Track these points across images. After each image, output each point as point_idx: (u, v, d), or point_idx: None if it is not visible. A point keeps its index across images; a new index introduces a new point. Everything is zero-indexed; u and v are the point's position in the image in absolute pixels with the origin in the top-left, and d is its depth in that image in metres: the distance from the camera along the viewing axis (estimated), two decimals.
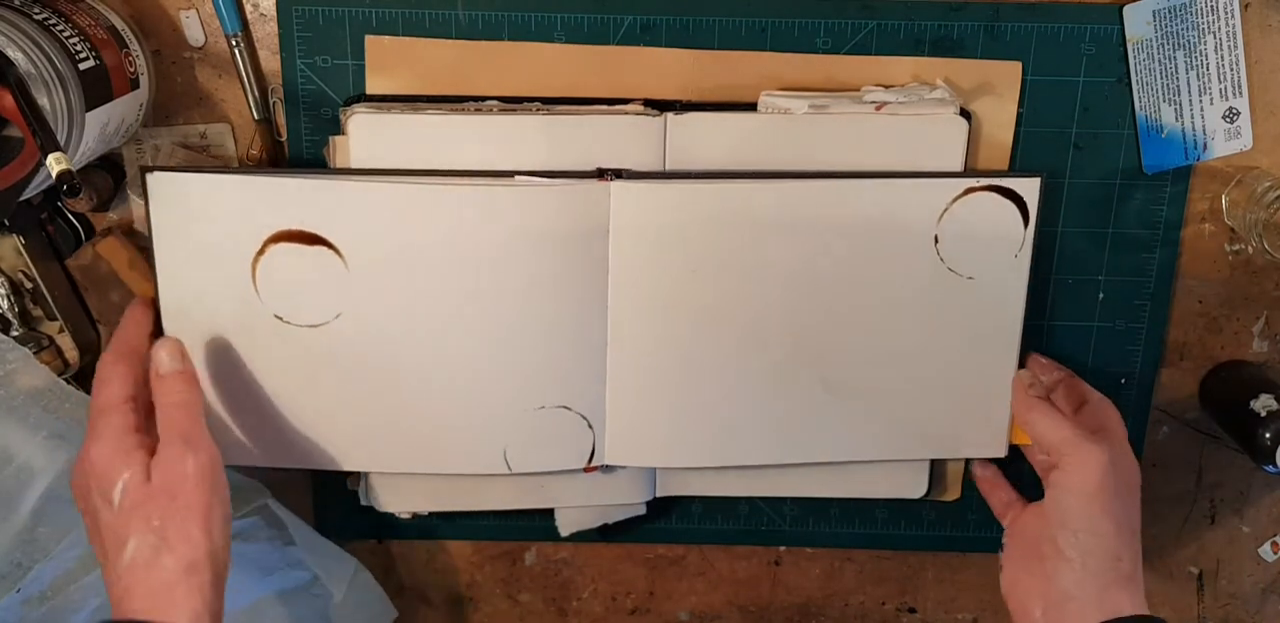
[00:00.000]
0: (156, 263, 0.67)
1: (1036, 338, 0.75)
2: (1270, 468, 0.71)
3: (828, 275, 0.69)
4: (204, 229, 0.66)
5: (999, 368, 0.71)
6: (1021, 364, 0.72)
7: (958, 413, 0.72)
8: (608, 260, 0.67)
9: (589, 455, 0.71)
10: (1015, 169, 0.71)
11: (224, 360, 0.68)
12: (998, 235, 0.69)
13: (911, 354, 0.71)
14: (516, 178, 0.66)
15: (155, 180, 0.65)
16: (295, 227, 0.66)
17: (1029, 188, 0.69)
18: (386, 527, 0.79)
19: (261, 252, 0.66)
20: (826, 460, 0.74)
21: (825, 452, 0.73)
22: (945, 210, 0.68)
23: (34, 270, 0.70)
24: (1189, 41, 0.69)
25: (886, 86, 0.69)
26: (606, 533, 0.78)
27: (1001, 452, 0.73)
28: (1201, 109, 0.71)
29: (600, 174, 0.66)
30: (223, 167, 0.71)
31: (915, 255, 0.69)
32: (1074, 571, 0.61)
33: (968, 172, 0.70)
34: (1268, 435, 0.70)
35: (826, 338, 0.70)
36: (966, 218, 0.68)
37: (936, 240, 0.69)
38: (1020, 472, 0.77)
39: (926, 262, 0.69)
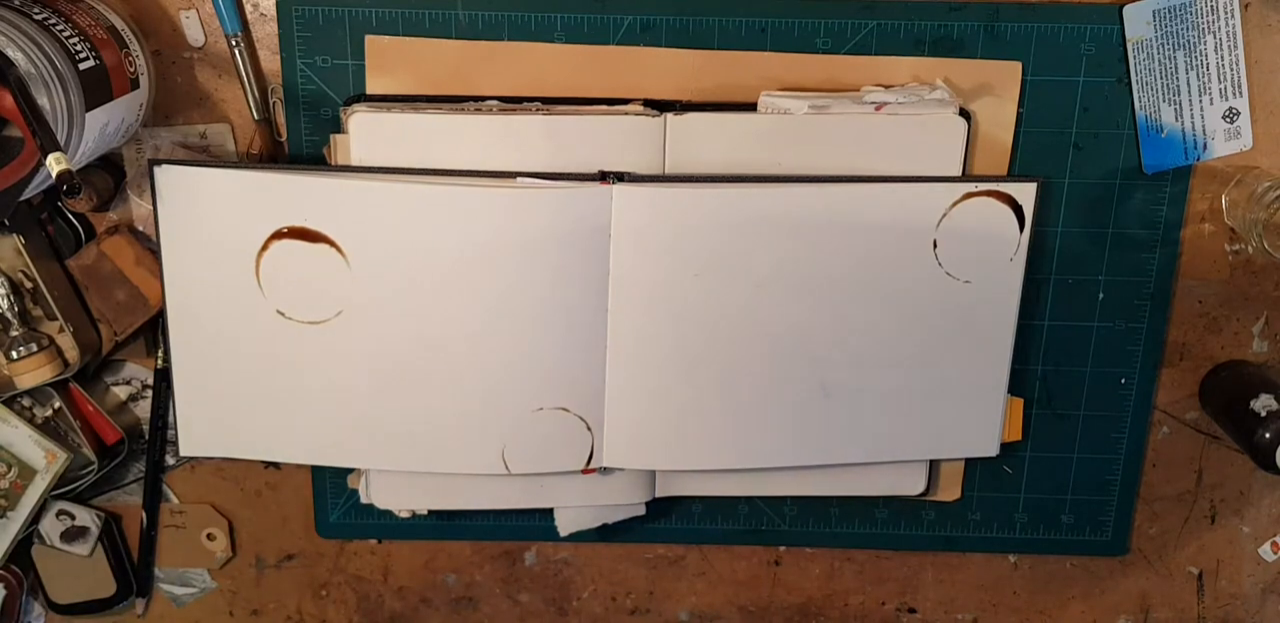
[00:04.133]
0: (162, 255, 0.67)
1: (1037, 338, 0.75)
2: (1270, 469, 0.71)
3: (827, 279, 0.69)
4: (209, 223, 0.67)
5: (992, 370, 0.72)
6: (1015, 369, 0.72)
7: (952, 414, 0.73)
8: (608, 263, 0.67)
9: (587, 457, 0.72)
10: (1015, 169, 0.71)
11: (227, 353, 0.69)
12: (994, 239, 0.69)
13: (908, 357, 0.71)
14: (519, 179, 0.66)
15: (163, 173, 0.66)
16: (299, 224, 0.66)
17: (1025, 193, 0.69)
18: (386, 527, 0.79)
19: (265, 247, 0.67)
20: (824, 463, 0.74)
21: (822, 455, 0.73)
22: (944, 215, 0.68)
23: (34, 270, 0.70)
24: (1189, 41, 0.69)
25: (886, 87, 0.69)
26: (606, 533, 0.78)
27: (993, 451, 0.74)
28: (1201, 109, 0.71)
29: (602, 177, 0.67)
30: (229, 161, 0.71)
31: (914, 259, 0.69)
32: None
33: (966, 177, 0.70)
34: (1268, 436, 0.70)
35: (825, 341, 0.70)
36: (964, 222, 0.68)
37: (935, 245, 0.69)
38: (1012, 467, 0.77)
39: (925, 266, 0.69)
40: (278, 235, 0.66)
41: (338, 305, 0.68)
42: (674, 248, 0.67)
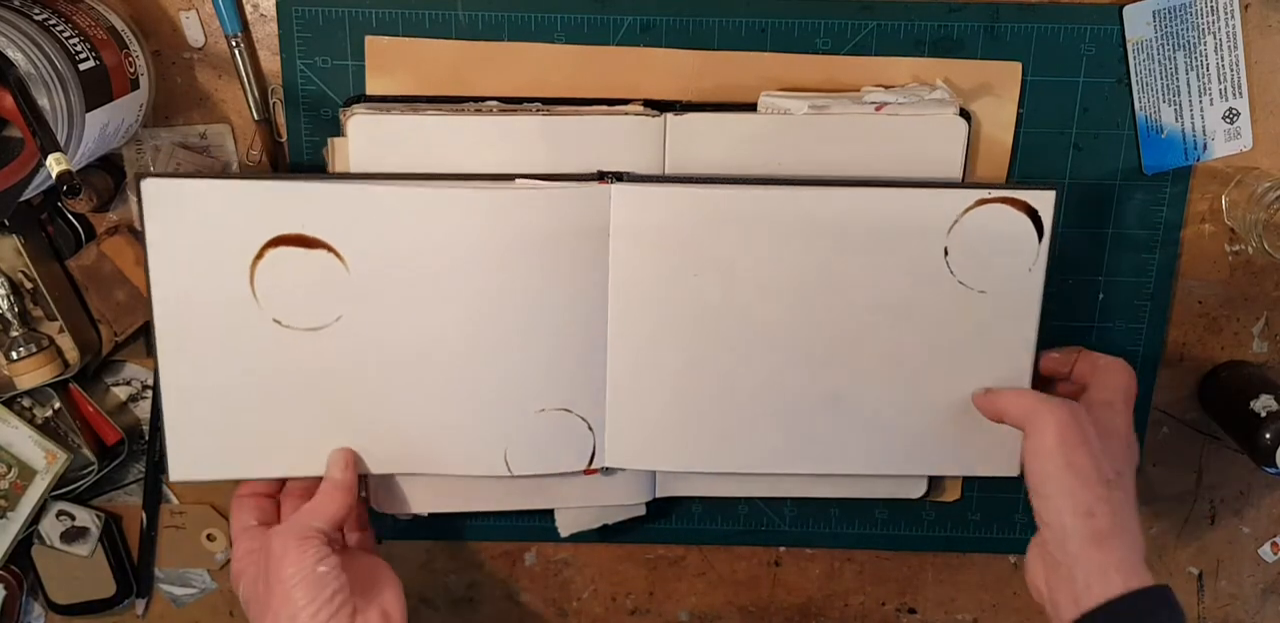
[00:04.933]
0: (150, 270, 0.66)
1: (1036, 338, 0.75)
2: (1270, 469, 0.71)
3: (832, 283, 0.68)
4: (201, 235, 0.65)
5: (1013, 385, 0.69)
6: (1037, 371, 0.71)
7: (968, 430, 0.70)
8: (608, 263, 0.67)
9: (589, 458, 0.72)
10: (1015, 169, 0.71)
11: (221, 370, 0.68)
12: (1010, 249, 0.67)
13: (921, 368, 0.69)
14: (517, 181, 0.66)
15: (150, 187, 0.65)
16: (295, 231, 0.66)
17: (1043, 201, 0.67)
18: (386, 527, 0.79)
19: (260, 256, 0.66)
20: (829, 472, 0.73)
21: (828, 463, 0.72)
22: (955, 222, 0.67)
23: (34, 270, 0.70)
24: (1189, 42, 0.69)
25: (886, 87, 0.69)
26: (606, 534, 0.78)
27: (1014, 471, 0.71)
28: (1201, 109, 0.71)
29: (601, 177, 0.66)
30: (219, 172, 0.71)
31: (923, 267, 0.67)
32: (1054, 535, 0.61)
33: (980, 182, 0.69)
34: (1268, 436, 0.70)
35: (831, 347, 0.69)
36: (977, 230, 0.67)
37: (946, 252, 0.67)
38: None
39: (936, 273, 0.68)
40: (273, 243, 0.66)
41: (337, 311, 0.67)
42: (673, 248, 0.67)
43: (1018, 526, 0.79)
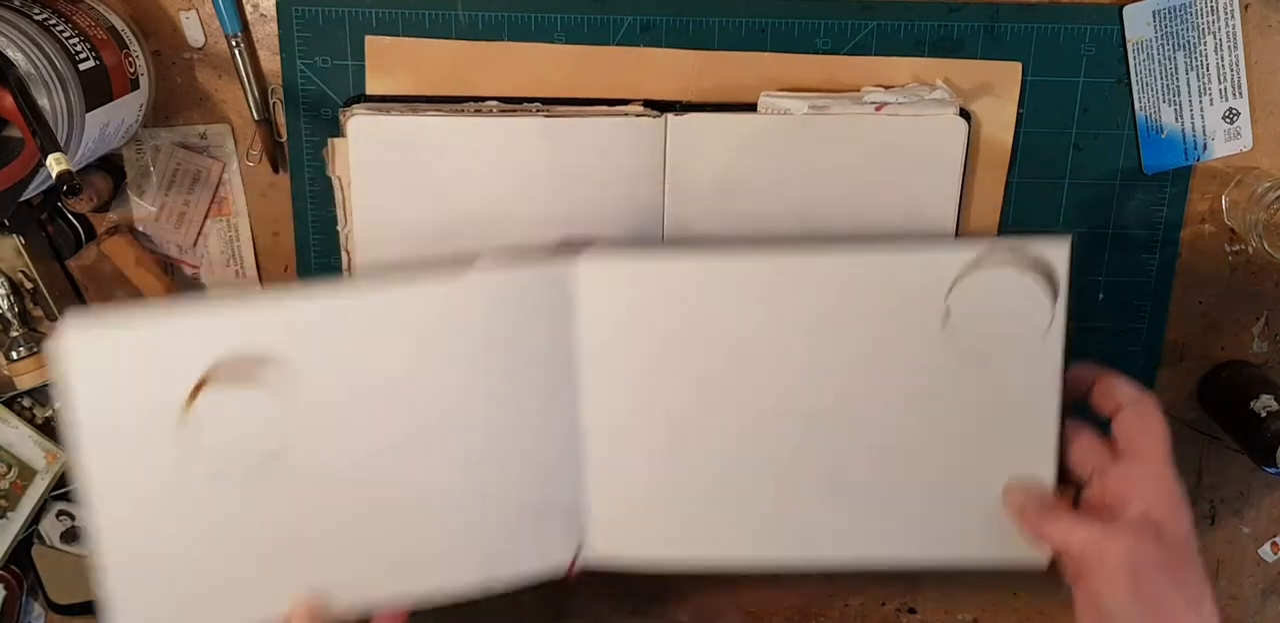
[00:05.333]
0: (80, 448, 0.57)
1: None
2: (1270, 469, 0.71)
3: (821, 354, 0.62)
4: (123, 391, 0.57)
5: (1033, 464, 0.62)
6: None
7: (987, 515, 0.63)
8: (578, 343, 0.62)
9: (574, 554, 0.65)
10: (1015, 169, 0.71)
11: (165, 535, 0.59)
12: (1019, 312, 0.60)
13: (924, 447, 0.62)
14: (476, 263, 0.60)
15: (71, 338, 0.56)
16: (226, 366, 0.58)
17: (1057, 253, 0.59)
18: None
19: (189, 403, 0.57)
20: (826, 558, 0.65)
21: (831, 551, 0.65)
22: (954, 282, 0.60)
23: (34, 270, 0.70)
24: (1189, 42, 0.69)
25: (886, 87, 0.69)
26: None
27: (1043, 562, 0.63)
28: (1201, 109, 0.71)
29: (568, 247, 0.62)
30: (137, 309, 0.60)
31: (921, 335, 0.61)
32: None
33: (980, 237, 0.66)
34: (1268, 436, 0.70)
35: (825, 426, 0.63)
36: (979, 291, 0.60)
37: (946, 316, 0.61)
38: None
39: (934, 342, 0.61)
40: (201, 385, 0.57)
41: (284, 444, 0.59)
42: (648, 325, 0.62)
43: None
